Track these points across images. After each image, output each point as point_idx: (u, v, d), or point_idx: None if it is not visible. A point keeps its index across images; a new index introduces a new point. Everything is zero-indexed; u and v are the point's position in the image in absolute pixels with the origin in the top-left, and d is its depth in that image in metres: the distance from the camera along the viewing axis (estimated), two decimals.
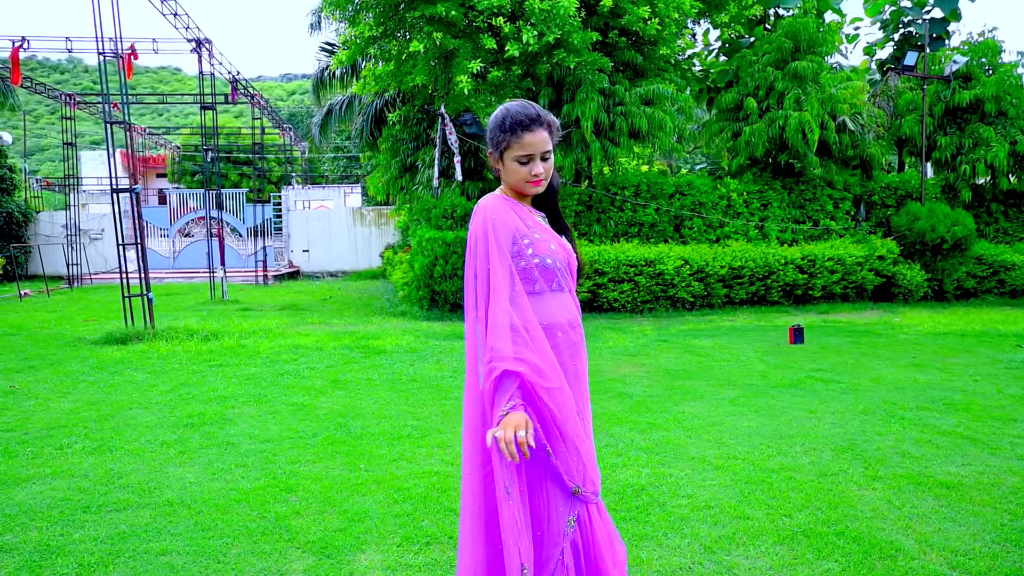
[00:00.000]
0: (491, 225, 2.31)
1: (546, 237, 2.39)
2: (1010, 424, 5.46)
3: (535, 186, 2.38)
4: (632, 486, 4.29)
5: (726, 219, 14.49)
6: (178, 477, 4.51)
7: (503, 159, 2.38)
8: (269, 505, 4.02)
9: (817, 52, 14.37)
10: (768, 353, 8.84)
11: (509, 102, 2.42)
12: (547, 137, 2.36)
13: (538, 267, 2.34)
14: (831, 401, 6.29)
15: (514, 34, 12.41)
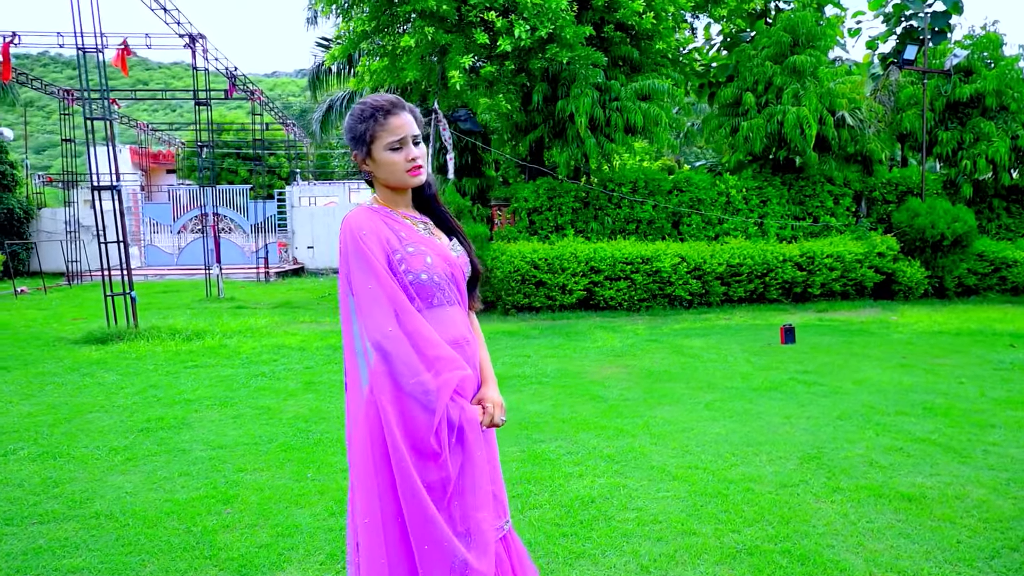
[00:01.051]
0: (362, 240, 2.09)
1: (421, 249, 2.18)
2: (987, 430, 5.28)
3: (416, 174, 2.19)
4: (582, 498, 4.15)
5: (725, 216, 14.28)
6: (116, 486, 4.41)
7: (372, 154, 2.19)
8: (200, 518, 3.91)
9: (816, 46, 14.11)
10: (756, 354, 8.67)
11: (362, 98, 2.26)
12: (413, 120, 2.19)
13: (413, 285, 2.14)
14: (809, 405, 6.13)
15: (506, 29, 12.25)
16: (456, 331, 2.23)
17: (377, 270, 2.06)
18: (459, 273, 2.28)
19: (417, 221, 2.28)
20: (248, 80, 21.64)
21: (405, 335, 2.04)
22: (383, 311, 2.04)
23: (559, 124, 13.66)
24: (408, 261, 2.14)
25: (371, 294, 2.05)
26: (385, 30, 13.88)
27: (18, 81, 22.12)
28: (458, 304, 2.27)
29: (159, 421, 5.90)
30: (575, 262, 12.75)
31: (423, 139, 2.17)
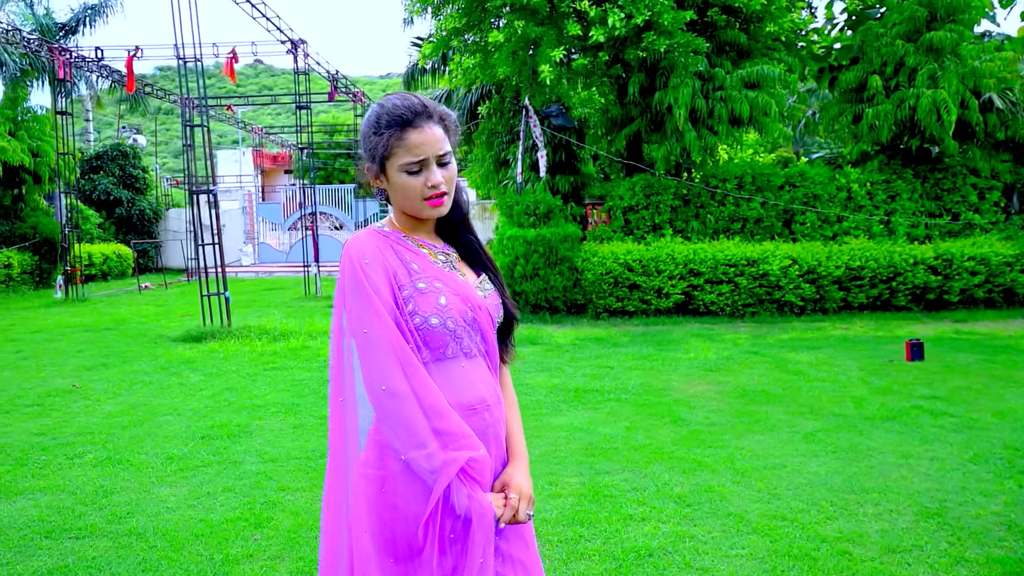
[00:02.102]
0: (363, 271, 1.68)
1: (435, 286, 1.74)
2: None
3: (436, 205, 1.75)
4: (639, 549, 3.43)
5: (845, 213, 12.95)
6: (160, 500, 4.39)
7: (386, 172, 1.76)
8: (227, 543, 3.75)
9: (958, 20, 12.52)
10: (875, 373, 7.56)
11: (385, 96, 1.80)
12: (441, 135, 1.74)
13: (420, 330, 1.70)
14: (934, 442, 5.09)
15: (600, 18, 11.47)
16: (473, 392, 1.77)
17: (378, 310, 1.66)
18: (484, 318, 1.81)
19: (437, 252, 1.86)
20: (350, 82, 21.72)
21: (404, 395, 1.62)
22: (382, 362, 1.64)
23: (657, 117, 12.74)
24: (417, 301, 1.72)
25: (368, 340, 1.66)
26: (477, 26, 13.38)
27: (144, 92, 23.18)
28: (480, 356, 1.81)
29: (222, 428, 5.88)
30: (672, 264, 11.82)
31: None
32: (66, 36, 22.02)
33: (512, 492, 1.75)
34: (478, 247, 1.94)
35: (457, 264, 1.88)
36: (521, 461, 1.84)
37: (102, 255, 21.89)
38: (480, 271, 1.91)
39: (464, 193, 1.92)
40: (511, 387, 1.96)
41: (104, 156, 25.87)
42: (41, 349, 10.01)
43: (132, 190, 25.89)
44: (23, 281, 18.96)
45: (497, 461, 1.80)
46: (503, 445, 1.84)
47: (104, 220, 24.79)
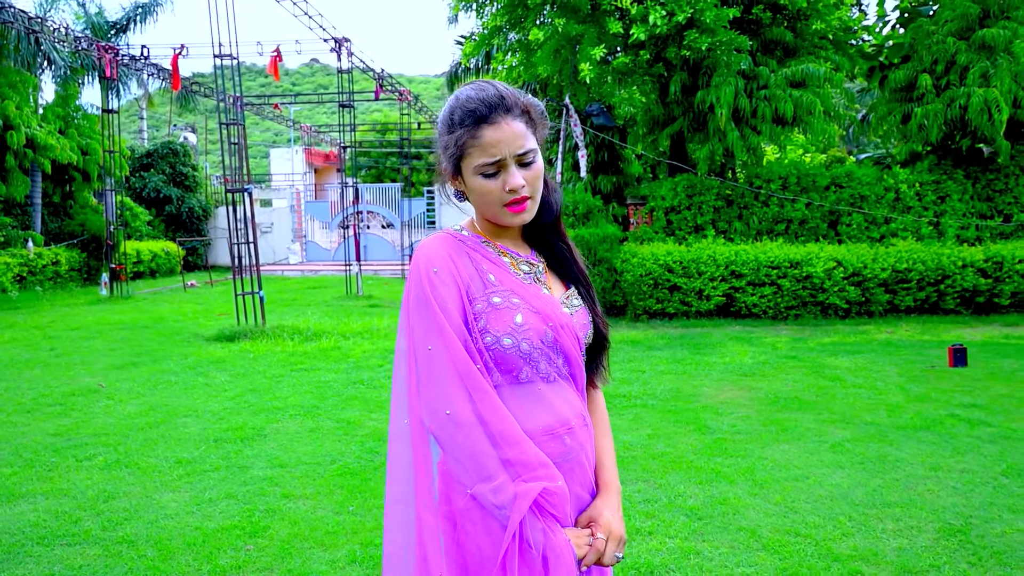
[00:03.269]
0: (430, 282, 1.52)
1: (512, 302, 1.55)
2: None
3: (517, 211, 1.56)
4: (639, 567, 3.37)
5: (893, 215, 12.62)
6: (160, 506, 4.35)
7: (462, 174, 1.58)
8: (218, 554, 3.70)
9: (1013, 16, 12.13)
10: (915, 379, 7.35)
11: (461, 88, 1.61)
12: (522, 130, 1.54)
13: (490, 350, 1.53)
14: (967, 454, 4.93)
15: (641, 16, 11.36)
16: (554, 415, 1.56)
17: (443, 327, 1.48)
18: (569, 339, 1.60)
19: (521, 261, 1.65)
20: (396, 81, 21.90)
21: (469, 422, 1.45)
22: (445, 385, 1.46)
23: (699, 116, 12.58)
24: (489, 317, 1.53)
25: (432, 359, 1.48)
26: (519, 24, 13.37)
27: (191, 90, 23.62)
28: (563, 380, 1.60)
29: (237, 431, 5.86)
30: (713, 265, 11.65)
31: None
32: (117, 35, 22.45)
33: (600, 531, 1.57)
34: (570, 256, 1.74)
35: (543, 275, 1.69)
36: (612, 494, 1.66)
37: (150, 252, 22.20)
38: (570, 284, 1.72)
39: (556, 193, 1.72)
40: (603, 412, 1.77)
41: (154, 154, 26.26)
42: (75, 347, 10.06)
43: (182, 188, 26.27)
44: (71, 278, 19.16)
45: (584, 489, 1.63)
46: (588, 474, 1.65)
47: (153, 218, 25.18)
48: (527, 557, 1.45)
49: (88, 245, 20.18)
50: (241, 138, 11.67)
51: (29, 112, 18.30)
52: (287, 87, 79.68)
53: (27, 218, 19.84)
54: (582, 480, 1.61)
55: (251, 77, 66.81)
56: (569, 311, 1.65)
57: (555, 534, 1.47)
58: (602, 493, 1.64)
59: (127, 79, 23.20)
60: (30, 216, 19.83)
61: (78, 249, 19.85)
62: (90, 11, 22.68)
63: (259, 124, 65.70)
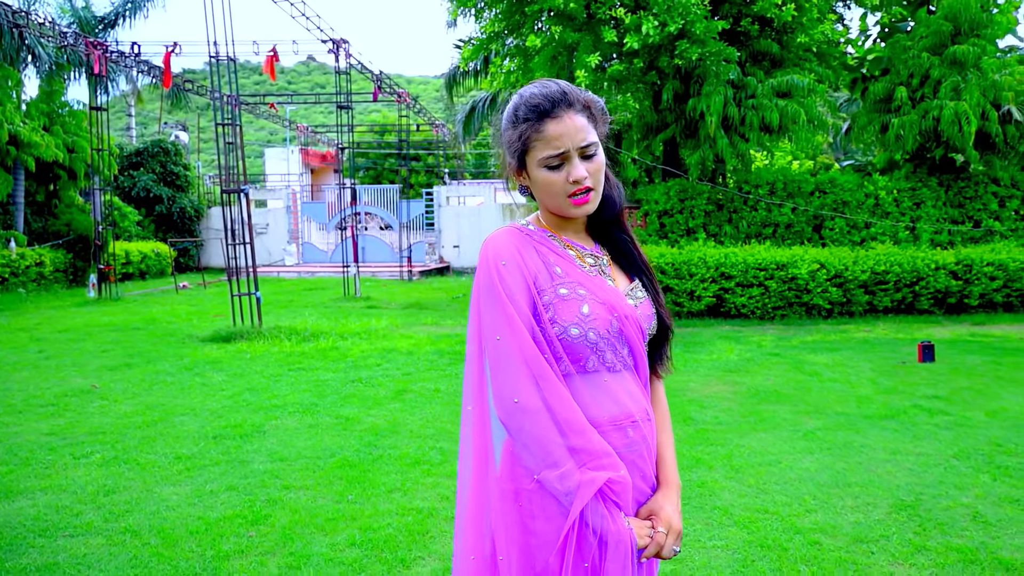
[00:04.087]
0: (499, 275, 1.59)
1: (578, 293, 1.62)
2: None
3: (581, 203, 1.63)
4: None
5: (872, 219, 13.22)
6: (161, 499, 4.48)
7: (527, 168, 1.66)
8: (221, 541, 3.89)
9: (982, 35, 12.78)
10: (886, 374, 7.92)
11: (524, 86, 1.69)
12: (584, 123, 1.62)
13: (561, 340, 1.60)
14: (925, 439, 5.49)
15: (635, 25, 11.89)
16: (619, 407, 1.65)
17: (511, 317, 1.56)
18: (633, 329, 1.68)
19: (586, 254, 1.73)
20: (394, 82, 22.31)
21: (536, 410, 1.53)
22: (514, 374, 1.55)
23: (690, 123, 13.12)
24: (557, 308, 1.61)
25: (500, 349, 1.56)
26: (517, 30, 13.85)
27: (184, 88, 23.56)
28: (628, 370, 1.69)
29: (236, 428, 5.99)
30: (704, 267, 12.21)
31: None
32: (105, 30, 22.05)
33: (661, 524, 1.61)
34: (633, 248, 1.79)
35: (608, 268, 1.75)
36: (672, 490, 1.70)
37: (140, 253, 21.63)
38: (634, 276, 1.77)
39: (617, 189, 1.76)
40: (664, 405, 1.82)
41: (144, 153, 25.66)
42: (64, 349, 9.91)
43: (173, 187, 25.71)
44: (56, 279, 18.61)
45: (645, 483, 1.68)
46: (650, 466, 1.70)
47: (143, 218, 24.61)
48: (585, 541, 1.52)
49: (74, 246, 19.63)
50: (237, 138, 11.57)
51: (12, 108, 17.68)
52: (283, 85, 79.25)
53: (9, 217, 19.12)
54: (643, 473, 1.67)
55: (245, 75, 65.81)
56: (633, 303, 1.71)
57: (616, 521, 1.52)
58: (663, 488, 1.69)
59: (115, 75, 22.74)
60: (12, 215, 19.08)
61: (63, 250, 19.27)
62: (77, 5, 22.27)
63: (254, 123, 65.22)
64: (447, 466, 5.05)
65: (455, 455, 5.21)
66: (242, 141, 11.75)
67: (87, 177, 19.38)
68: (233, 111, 11.94)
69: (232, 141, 11.46)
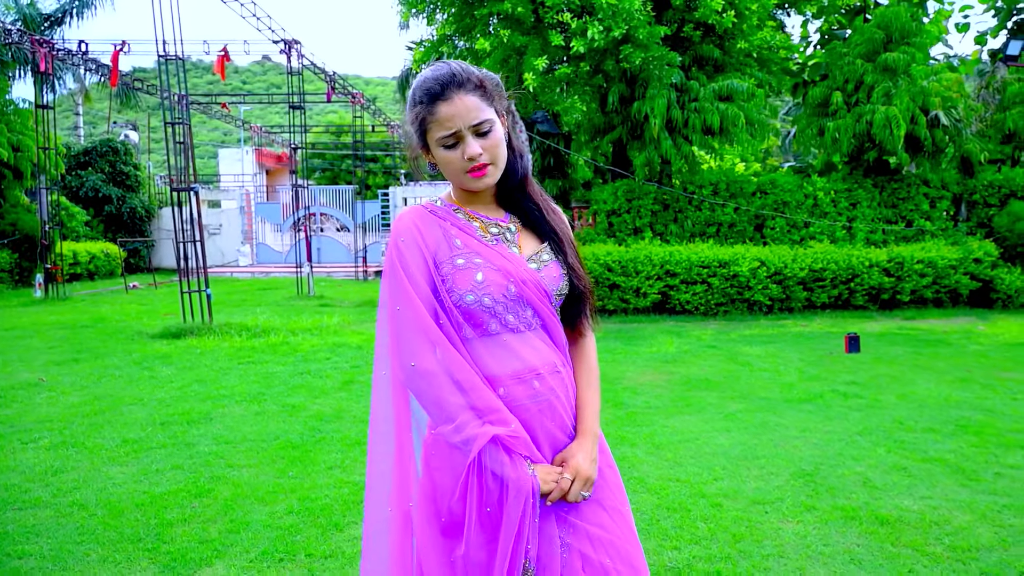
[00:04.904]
0: (397, 250, 1.73)
1: (473, 262, 1.72)
2: (1013, 451, 4.93)
3: (478, 176, 1.72)
4: None
5: (811, 219, 13.73)
6: (108, 477, 4.64)
7: (429, 147, 1.75)
8: (164, 512, 4.07)
9: (912, 43, 13.36)
10: (813, 363, 8.33)
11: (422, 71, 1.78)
12: (475, 103, 1.69)
13: (458, 308, 1.71)
14: (835, 419, 5.87)
15: (580, 30, 12.23)
16: (522, 362, 1.74)
17: (407, 290, 1.68)
18: (534, 292, 1.75)
19: (490, 224, 1.82)
20: (349, 83, 22.36)
21: (431, 372, 1.65)
22: (411, 340, 1.67)
23: (636, 125, 13.50)
24: (454, 278, 1.71)
25: (400, 318, 1.69)
26: (469, 32, 14.11)
27: (133, 87, 23.23)
28: (534, 330, 1.77)
29: (183, 415, 6.13)
30: (650, 265, 12.58)
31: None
32: (52, 27, 21.57)
33: (568, 471, 1.70)
34: (539, 213, 1.85)
35: (516, 235, 1.82)
36: (586, 438, 1.77)
37: (88, 254, 21.12)
38: (544, 240, 1.84)
39: (524, 158, 1.84)
40: (590, 362, 1.88)
41: (93, 152, 25.06)
42: (10, 345, 9.84)
43: (123, 187, 25.22)
44: (1, 279, 18.22)
45: (561, 431, 1.76)
46: (563, 417, 1.76)
47: (92, 218, 24.06)
48: (486, 488, 1.61)
49: (20, 245, 19.18)
50: (187, 137, 11.50)
51: None
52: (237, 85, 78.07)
53: None
54: (558, 423, 1.74)
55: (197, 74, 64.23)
56: (536, 266, 1.78)
57: (516, 468, 1.61)
58: (578, 437, 1.76)
59: (62, 73, 22.28)
60: None
61: (9, 250, 18.88)
62: (22, 2, 21.89)
63: (206, 123, 63.83)
64: None
65: None
66: (192, 141, 11.70)
67: (33, 176, 19.03)
68: (183, 111, 11.85)
69: (183, 141, 11.38)
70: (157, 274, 22.48)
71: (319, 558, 3.52)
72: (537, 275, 1.76)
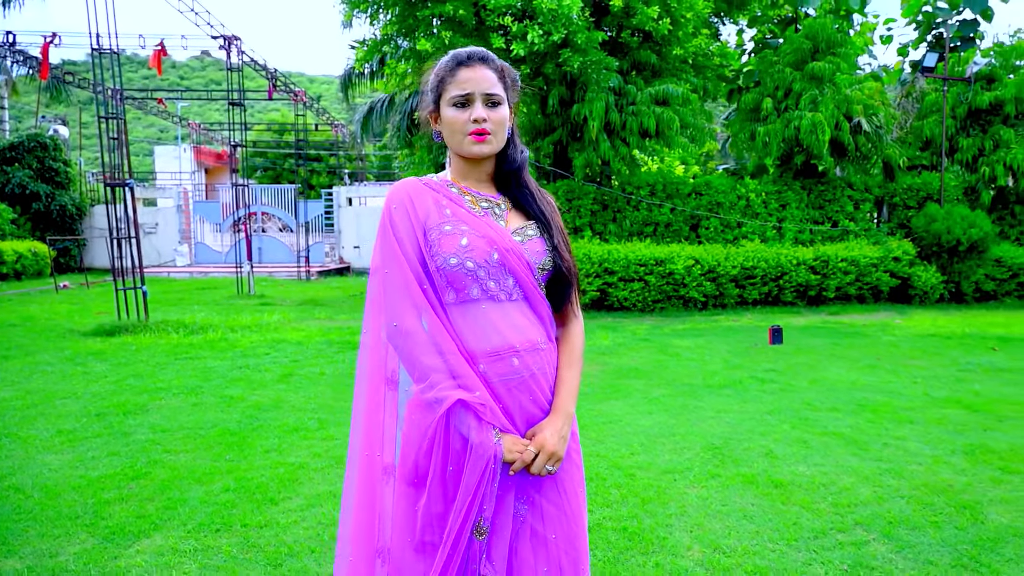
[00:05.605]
0: (389, 215, 1.84)
1: (460, 228, 1.81)
2: (902, 426, 5.37)
3: (479, 140, 1.82)
4: None
5: (744, 219, 14.28)
6: (44, 464, 4.68)
7: (440, 111, 1.87)
8: (102, 492, 4.17)
9: (837, 53, 14.06)
10: (738, 354, 8.76)
11: None
12: (493, 78, 1.84)
13: (441, 271, 1.80)
14: (750, 401, 6.26)
15: (521, 33, 12.54)
16: (500, 337, 1.81)
17: (396, 253, 1.79)
18: (517, 262, 1.83)
19: (480, 198, 1.91)
20: (292, 81, 22.31)
21: (412, 332, 1.76)
22: (397, 301, 1.78)
23: (576, 127, 13.88)
24: (440, 242, 1.81)
25: (387, 280, 1.80)
26: (412, 33, 14.31)
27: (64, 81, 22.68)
28: (514, 302, 1.84)
29: (119, 407, 6.12)
30: (588, 263, 12.94)
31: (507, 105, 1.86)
32: None
33: (533, 445, 1.77)
34: (529, 198, 1.94)
35: (505, 212, 1.91)
36: (557, 416, 1.83)
37: (15, 253, 20.42)
38: (531, 219, 1.93)
39: (522, 153, 1.94)
40: (574, 343, 1.94)
41: (20, 147, 24.03)
42: None
43: (52, 184, 24.37)
44: None
45: (538, 409, 1.83)
46: (538, 395, 1.83)
47: (18, 216, 23.29)
48: (450, 448, 1.72)
49: None
50: (121, 133, 11.33)
51: None
52: (175, 80, 76.01)
53: None
54: (535, 399, 1.82)
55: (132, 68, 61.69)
56: (520, 239, 1.86)
57: (481, 433, 1.70)
58: (550, 414, 1.84)
59: None
60: None
61: None
62: None
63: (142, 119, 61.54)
64: (322, 431, 5.46)
65: (331, 423, 5.67)
66: (127, 137, 11.52)
67: None
68: (118, 105, 11.69)
69: (116, 136, 11.18)
70: (89, 274, 21.80)
71: (254, 527, 3.71)
72: (520, 246, 1.85)
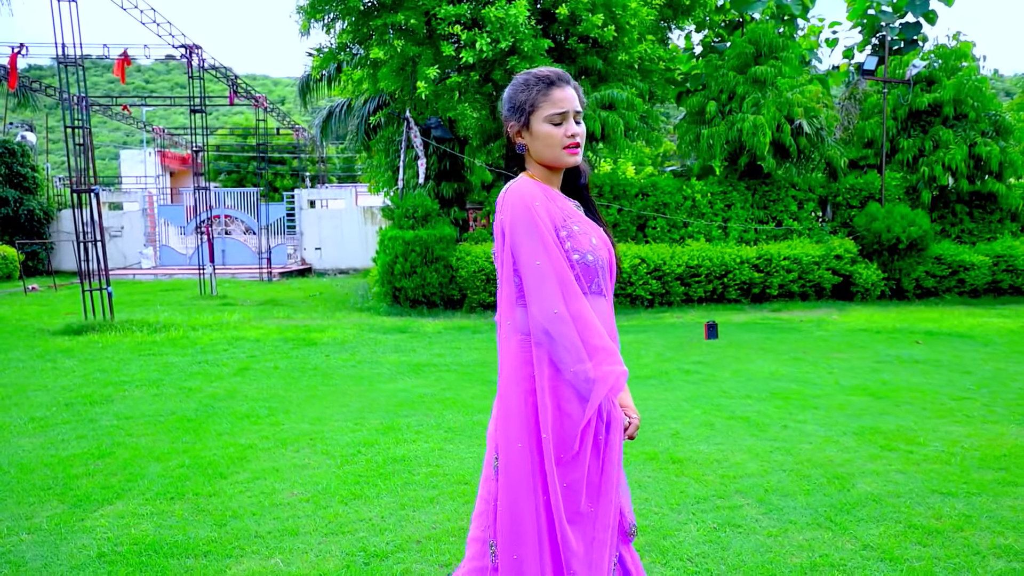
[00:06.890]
0: (534, 210, 1.99)
1: (585, 229, 2.08)
2: (805, 411, 5.78)
3: (573, 153, 2.07)
4: (397, 458, 4.76)
5: (689, 219, 14.74)
6: (18, 445, 5.11)
7: (530, 125, 2.08)
8: (72, 468, 4.60)
9: (779, 57, 14.56)
10: (674, 348, 9.16)
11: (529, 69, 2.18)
12: (575, 96, 2.08)
13: (579, 264, 2.03)
14: (672, 391, 6.65)
15: (470, 41, 12.89)
16: (607, 325, 2.11)
17: (548, 243, 1.96)
18: (613, 264, 2.18)
19: (568, 201, 2.18)
20: (251, 87, 22.48)
21: (571, 318, 1.94)
22: (550, 290, 1.94)
23: None
24: (574, 239, 2.03)
25: (539, 271, 1.95)
26: (365, 41, 14.60)
27: (31, 89, 22.84)
28: (605, 296, 2.15)
29: (86, 398, 6.53)
30: None
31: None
32: None
33: (632, 412, 2.14)
34: (593, 205, 2.22)
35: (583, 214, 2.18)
36: (627, 391, 2.18)
37: None
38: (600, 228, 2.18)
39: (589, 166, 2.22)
40: None
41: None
42: None
43: (20, 189, 24.78)
44: None
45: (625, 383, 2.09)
46: None
47: None
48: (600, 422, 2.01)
49: None
50: (87, 139, 11.63)
51: None
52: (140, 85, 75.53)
53: None
54: None
55: (98, 73, 61.74)
56: None
57: (615, 407, 2.04)
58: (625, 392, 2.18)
59: None
60: None
61: None
62: None
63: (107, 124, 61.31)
64: (271, 418, 5.85)
65: (280, 410, 6.03)
66: (92, 142, 11.77)
67: None
68: (83, 112, 11.96)
69: (82, 143, 11.46)
70: (57, 277, 22.14)
71: (204, 496, 4.15)
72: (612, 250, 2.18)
